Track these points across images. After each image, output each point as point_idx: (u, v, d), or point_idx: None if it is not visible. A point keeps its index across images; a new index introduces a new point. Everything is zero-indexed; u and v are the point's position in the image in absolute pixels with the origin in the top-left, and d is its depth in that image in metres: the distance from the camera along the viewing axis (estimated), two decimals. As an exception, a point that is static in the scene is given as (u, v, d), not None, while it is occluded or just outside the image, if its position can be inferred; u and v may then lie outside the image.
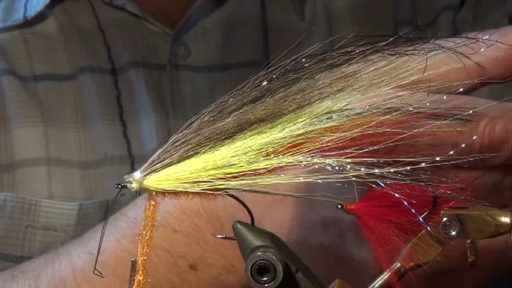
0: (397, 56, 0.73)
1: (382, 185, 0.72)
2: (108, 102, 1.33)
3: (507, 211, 0.77)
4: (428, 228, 0.75)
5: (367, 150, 0.73)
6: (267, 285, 0.73)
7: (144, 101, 1.32)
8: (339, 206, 0.76)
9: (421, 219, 0.74)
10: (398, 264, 0.78)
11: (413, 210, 0.73)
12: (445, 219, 0.76)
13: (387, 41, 0.74)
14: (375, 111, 0.73)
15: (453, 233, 0.76)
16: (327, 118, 0.74)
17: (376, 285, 0.78)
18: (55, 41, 1.34)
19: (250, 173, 0.74)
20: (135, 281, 0.76)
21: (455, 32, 1.31)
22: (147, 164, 0.76)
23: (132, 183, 0.76)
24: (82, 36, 1.34)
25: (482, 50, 0.75)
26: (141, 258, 0.77)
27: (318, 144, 0.73)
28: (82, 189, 1.30)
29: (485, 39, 0.75)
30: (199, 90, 1.33)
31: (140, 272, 0.76)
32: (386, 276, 0.78)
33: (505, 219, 0.77)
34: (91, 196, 1.30)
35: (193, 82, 1.33)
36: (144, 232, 0.77)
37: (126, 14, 1.34)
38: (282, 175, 0.74)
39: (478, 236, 0.77)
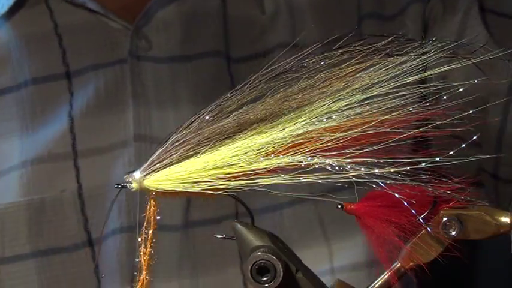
0: (396, 56, 0.73)
1: (382, 185, 0.72)
2: (58, 106, 1.31)
3: (507, 211, 0.77)
4: (428, 228, 0.76)
5: (367, 150, 0.73)
6: (267, 285, 0.73)
7: (100, 99, 1.30)
8: (339, 206, 0.76)
9: (421, 220, 0.74)
10: (398, 264, 0.78)
11: (413, 211, 0.73)
12: (445, 219, 0.76)
13: (386, 41, 0.74)
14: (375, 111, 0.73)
15: (453, 233, 0.76)
16: (327, 118, 0.74)
17: (376, 285, 0.78)
18: (4, 54, 1.35)
19: (250, 173, 0.74)
20: (139, 281, 0.76)
21: (425, 24, 1.30)
22: (147, 164, 0.76)
23: (132, 184, 0.76)
24: (35, 44, 1.34)
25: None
26: (144, 258, 0.77)
27: (318, 144, 0.73)
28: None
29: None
30: (161, 80, 1.31)
31: (144, 272, 0.77)
32: (386, 276, 0.78)
33: (505, 219, 0.77)
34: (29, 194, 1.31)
35: (155, 73, 1.32)
36: (145, 232, 0.77)
37: (87, 13, 1.32)
38: (282, 175, 0.74)
39: (478, 236, 0.77)
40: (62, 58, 1.32)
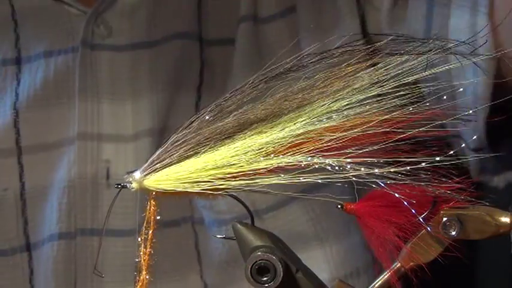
0: (397, 55, 0.73)
1: (382, 185, 0.72)
2: (4, 94, 1.28)
3: (507, 211, 0.77)
4: (428, 228, 0.75)
5: (367, 150, 0.73)
6: (267, 285, 0.73)
7: (48, 89, 1.26)
8: (339, 206, 0.76)
9: (421, 219, 0.74)
10: (398, 264, 0.78)
11: (413, 211, 0.73)
12: (445, 219, 0.76)
13: (386, 41, 0.74)
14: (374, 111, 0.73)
15: (453, 233, 0.76)
16: (327, 118, 0.74)
17: (376, 285, 0.78)
18: None
19: (250, 173, 0.74)
20: (139, 281, 0.76)
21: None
22: (147, 164, 0.76)
23: (132, 184, 0.76)
24: None
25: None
26: (144, 258, 0.77)
27: (318, 144, 0.73)
28: None
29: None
30: (119, 70, 1.26)
31: (144, 272, 0.77)
32: (386, 276, 0.78)
33: (505, 219, 0.77)
34: None
35: (113, 62, 1.27)
36: (145, 232, 0.77)
37: None
38: (282, 175, 0.73)
39: (478, 236, 0.77)
40: (14, 43, 1.29)
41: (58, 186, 1.24)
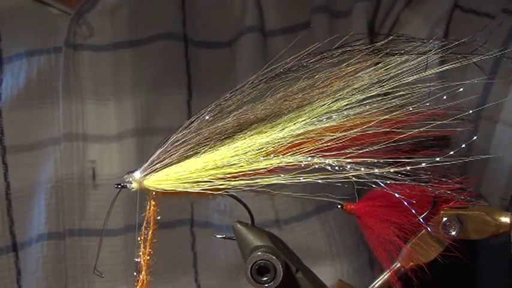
0: (396, 55, 0.73)
1: (382, 185, 0.72)
2: None
3: (507, 211, 0.77)
4: (428, 228, 0.75)
5: (367, 150, 0.72)
6: (267, 285, 0.73)
7: (31, 89, 1.25)
8: (339, 206, 0.76)
9: (421, 220, 0.74)
10: (398, 264, 0.78)
11: (413, 211, 0.73)
12: (445, 219, 0.76)
13: (386, 41, 0.74)
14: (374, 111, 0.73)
15: (453, 233, 0.76)
16: (327, 118, 0.74)
17: (376, 285, 0.78)
18: None
19: (250, 173, 0.74)
20: (139, 281, 0.76)
21: (370, 23, 1.27)
22: (147, 164, 0.76)
23: (132, 184, 0.76)
24: None
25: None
26: (144, 259, 0.77)
27: (318, 144, 0.73)
28: None
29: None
30: (101, 70, 1.26)
31: (143, 272, 0.76)
32: (386, 276, 0.78)
33: (505, 219, 0.77)
34: None
35: (95, 62, 1.26)
36: (145, 232, 0.77)
37: None
38: (282, 175, 0.73)
39: (478, 236, 0.77)
40: None
41: (45, 186, 1.24)
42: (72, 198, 1.23)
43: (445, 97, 0.73)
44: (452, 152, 0.73)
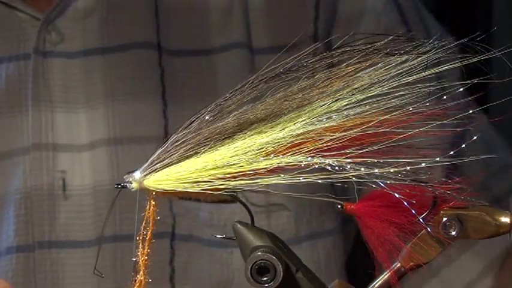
0: (396, 55, 0.73)
1: (382, 185, 0.72)
2: None
3: (507, 211, 0.77)
4: (428, 228, 0.75)
5: (367, 150, 0.72)
6: (267, 285, 0.73)
7: (0, 98, 1.24)
8: (339, 206, 0.76)
9: (420, 220, 0.74)
10: (398, 264, 0.78)
11: (413, 211, 0.73)
12: (445, 219, 0.76)
13: (386, 40, 0.74)
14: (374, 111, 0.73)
15: (453, 233, 0.76)
16: (327, 118, 0.74)
17: (376, 285, 0.78)
18: None
19: (250, 173, 0.74)
20: (137, 282, 0.76)
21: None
22: (147, 164, 0.76)
23: (132, 184, 0.76)
24: None
25: None
26: (142, 259, 0.76)
27: (318, 144, 0.73)
28: None
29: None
30: (72, 77, 1.24)
31: (141, 273, 0.76)
32: (386, 276, 0.78)
33: (505, 219, 0.77)
34: None
35: (65, 69, 1.24)
36: (144, 232, 0.77)
37: None
38: (282, 175, 0.73)
39: (478, 236, 0.77)
40: None
41: (14, 198, 1.23)
42: (41, 209, 1.21)
43: (445, 97, 0.74)
44: (452, 152, 0.73)
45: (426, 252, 0.77)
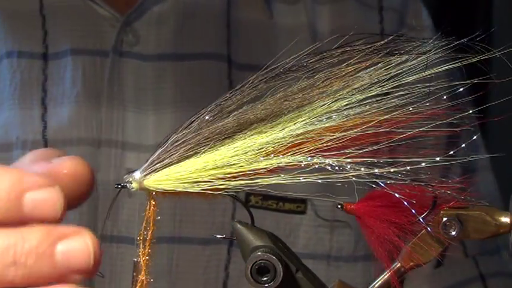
0: (397, 55, 0.73)
1: (382, 185, 0.72)
2: (30, 87, 1.28)
3: (507, 211, 0.77)
4: (428, 228, 0.75)
5: (367, 150, 0.72)
6: (266, 285, 0.73)
7: (76, 88, 1.27)
8: (339, 206, 0.76)
9: (421, 219, 0.74)
10: (398, 264, 0.78)
11: (413, 211, 0.73)
12: (445, 219, 0.76)
13: (386, 40, 0.74)
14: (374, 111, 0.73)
15: (453, 233, 0.76)
16: (327, 118, 0.74)
17: (376, 285, 0.78)
18: None
19: (250, 173, 0.74)
20: (138, 282, 0.76)
21: None
22: (147, 164, 0.76)
23: (131, 183, 0.76)
24: (19, 20, 1.30)
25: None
26: (143, 259, 0.76)
27: (318, 144, 0.73)
28: None
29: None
30: (144, 79, 1.27)
31: (142, 273, 0.76)
32: (386, 276, 0.78)
33: (505, 219, 0.77)
34: None
35: (138, 71, 1.28)
36: (145, 232, 0.77)
37: None
38: (282, 175, 0.73)
39: (478, 236, 0.77)
40: (42, 39, 1.29)
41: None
42: (107, 204, 1.23)
43: (445, 97, 0.74)
44: (452, 152, 0.73)
45: (426, 252, 0.77)
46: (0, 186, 0.66)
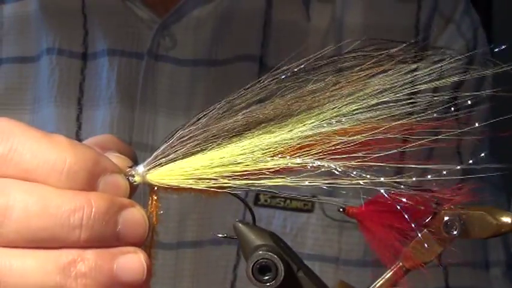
0: (409, 62, 0.72)
1: (386, 195, 0.71)
2: (67, 86, 1.28)
3: (508, 211, 0.77)
4: (430, 234, 0.76)
5: (374, 156, 0.72)
6: (268, 284, 0.73)
7: (110, 90, 1.27)
8: (341, 210, 0.76)
9: (419, 235, 0.74)
10: (400, 264, 0.78)
11: (412, 225, 0.73)
12: (446, 218, 0.76)
13: (399, 48, 0.72)
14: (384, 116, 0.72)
15: (455, 232, 0.76)
16: (336, 121, 0.73)
17: (377, 286, 0.79)
18: (30, 22, 1.30)
19: (256, 173, 0.73)
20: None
21: None
22: (151, 158, 0.75)
23: (134, 177, 0.75)
24: (61, 18, 1.29)
25: None
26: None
27: (325, 147, 0.72)
28: None
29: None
30: (178, 84, 1.27)
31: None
32: (387, 276, 0.78)
33: (506, 219, 0.77)
34: None
35: (173, 75, 1.27)
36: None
37: None
38: (288, 177, 0.73)
39: (479, 236, 0.77)
40: (83, 39, 1.28)
41: None
42: None
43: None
44: (458, 167, 0.73)
45: (427, 252, 0.77)
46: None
